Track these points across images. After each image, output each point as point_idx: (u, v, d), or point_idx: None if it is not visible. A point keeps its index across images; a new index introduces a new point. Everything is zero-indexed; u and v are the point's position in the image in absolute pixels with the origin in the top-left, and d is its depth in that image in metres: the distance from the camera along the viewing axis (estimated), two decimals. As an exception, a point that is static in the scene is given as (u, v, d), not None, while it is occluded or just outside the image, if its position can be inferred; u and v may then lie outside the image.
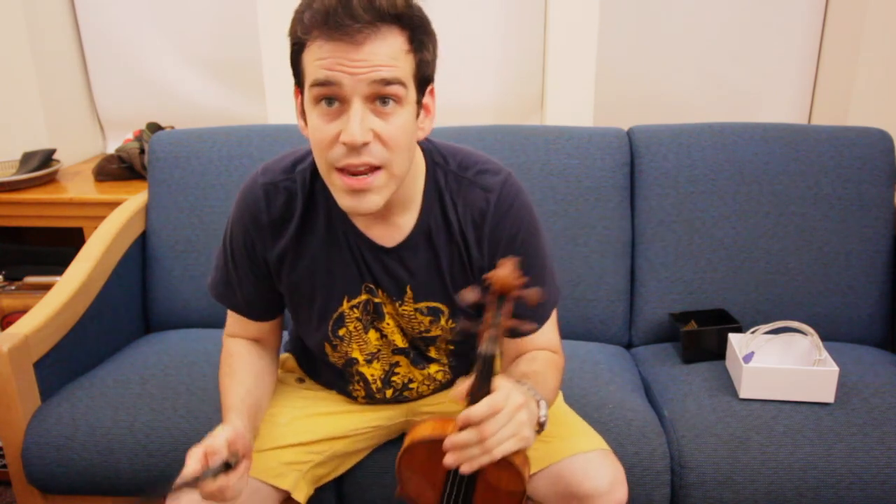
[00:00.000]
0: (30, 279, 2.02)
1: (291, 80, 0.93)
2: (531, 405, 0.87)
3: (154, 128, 2.20)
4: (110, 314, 1.63)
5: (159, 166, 1.76)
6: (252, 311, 1.12)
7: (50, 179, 2.09)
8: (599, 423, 1.26)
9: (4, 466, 1.63)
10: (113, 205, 1.80)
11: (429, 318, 1.07)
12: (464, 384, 0.86)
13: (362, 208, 0.91)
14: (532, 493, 1.09)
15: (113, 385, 1.44)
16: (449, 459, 0.83)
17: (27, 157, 2.11)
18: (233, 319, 1.14)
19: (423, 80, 0.92)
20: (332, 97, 0.86)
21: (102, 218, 1.71)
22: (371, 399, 1.19)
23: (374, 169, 0.89)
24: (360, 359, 1.12)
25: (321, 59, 0.84)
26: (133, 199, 1.79)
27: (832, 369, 1.35)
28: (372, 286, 1.06)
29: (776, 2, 2.15)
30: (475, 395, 0.84)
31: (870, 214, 1.65)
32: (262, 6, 2.04)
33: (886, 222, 1.66)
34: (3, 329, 1.57)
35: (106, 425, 1.36)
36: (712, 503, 1.28)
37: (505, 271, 0.85)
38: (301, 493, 1.12)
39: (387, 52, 0.84)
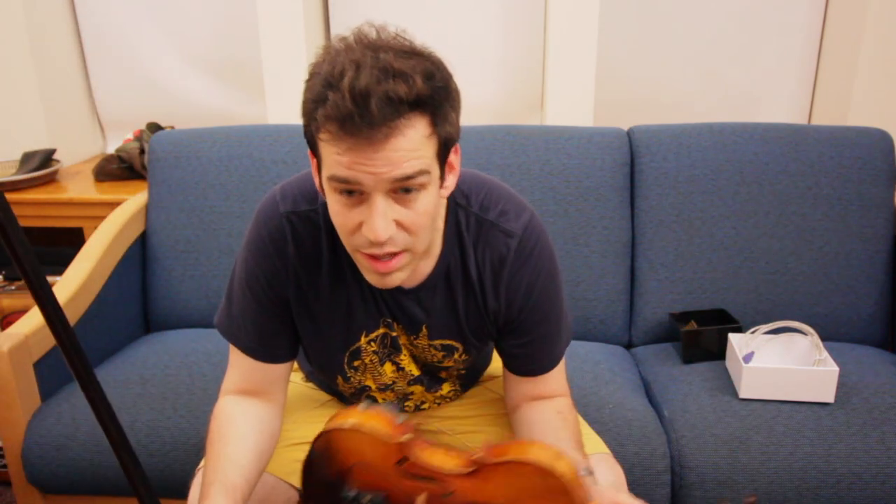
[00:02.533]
0: (30, 279, 2.02)
1: (292, 80, 0.90)
2: None
3: (154, 128, 2.20)
4: (110, 314, 1.63)
5: (159, 166, 1.76)
6: (265, 351, 1.02)
7: (50, 179, 2.09)
8: (599, 423, 1.26)
9: (4, 466, 1.63)
10: (113, 205, 1.80)
11: (442, 353, 1.06)
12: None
13: (387, 285, 0.89)
14: None
15: (113, 385, 1.44)
16: None
17: (27, 157, 2.11)
18: (234, 370, 1.04)
19: (447, 150, 0.86)
20: (352, 190, 0.82)
21: (102, 218, 1.71)
22: None
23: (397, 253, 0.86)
24: (374, 386, 1.11)
25: (339, 153, 0.79)
26: (133, 199, 1.79)
27: (832, 369, 1.35)
28: (390, 320, 1.03)
29: (776, 2, 2.15)
30: None
31: (870, 214, 1.65)
32: (262, 6, 2.04)
33: (886, 222, 1.66)
34: (3, 329, 1.57)
35: (106, 425, 1.36)
36: (712, 503, 1.28)
37: None
38: None
39: (408, 146, 0.79)
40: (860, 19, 2.00)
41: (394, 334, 1.05)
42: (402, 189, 0.81)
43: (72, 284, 1.51)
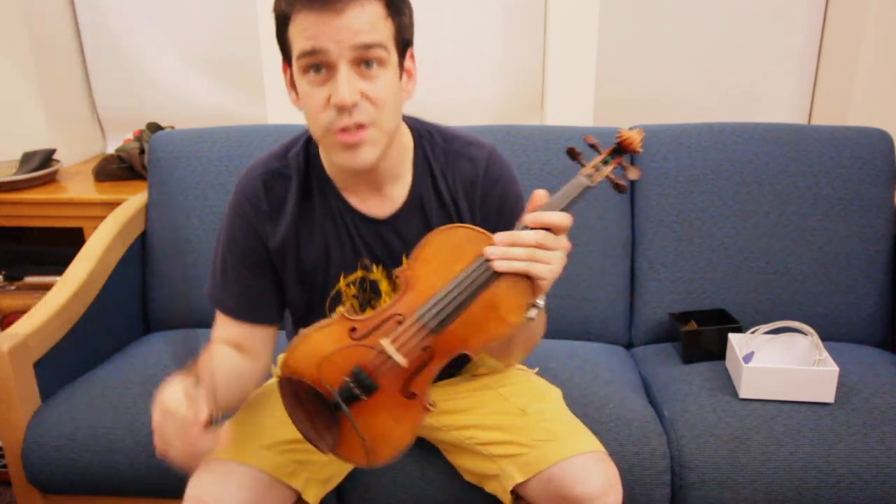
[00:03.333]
0: (30, 279, 2.02)
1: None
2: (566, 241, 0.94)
3: (154, 128, 2.20)
4: (110, 314, 1.63)
5: (159, 166, 1.76)
6: (248, 310, 1.10)
7: (50, 179, 2.09)
8: (599, 423, 1.26)
9: (4, 466, 1.63)
10: (113, 205, 1.80)
11: None
12: (543, 192, 0.93)
13: (358, 162, 0.95)
14: (526, 495, 1.10)
15: (113, 385, 1.44)
16: (493, 250, 0.89)
17: (27, 157, 2.11)
18: (225, 328, 1.11)
19: (404, 43, 0.97)
20: (319, 65, 0.91)
21: (102, 218, 1.71)
22: None
23: (365, 126, 0.93)
24: None
25: (306, 30, 0.89)
26: (133, 199, 1.79)
27: (832, 369, 1.35)
28: (367, 262, 1.08)
29: (776, 2, 2.15)
30: (550, 207, 0.92)
31: (870, 214, 1.65)
32: (262, 6, 2.04)
33: (886, 222, 1.66)
34: (3, 329, 1.57)
35: (106, 425, 1.36)
36: (712, 503, 1.28)
37: (635, 134, 0.93)
38: (311, 495, 1.13)
39: (366, 18, 0.89)
40: (860, 19, 2.00)
41: (372, 277, 1.08)
42: (364, 63, 0.91)
43: (72, 284, 1.51)
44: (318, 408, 0.94)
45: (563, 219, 0.90)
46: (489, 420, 1.17)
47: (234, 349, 1.10)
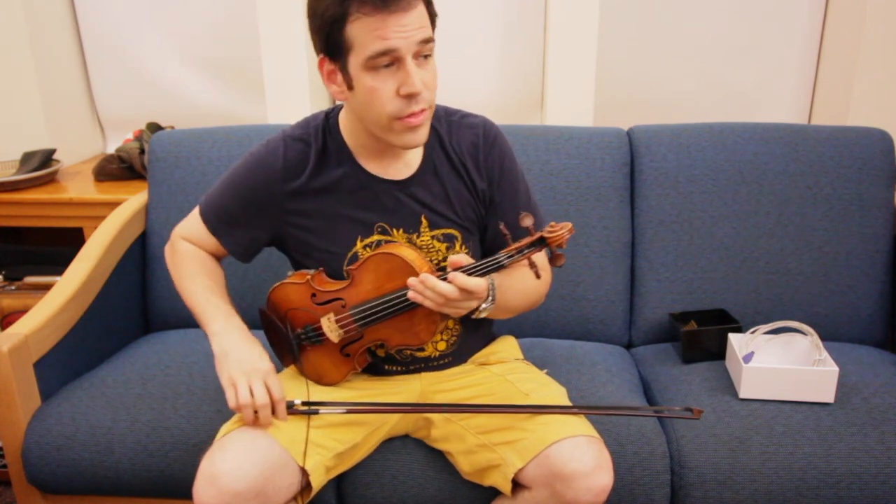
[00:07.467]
0: (30, 279, 2.02)
1: (291, 80, 0.95)
2: (481, 298, 1.08)
3: (154, 128, 2.20)
4: (110, 314, 1.63)
5: (159, 166, 1.76)
6: (220, 233, 1.24)
7: (50, 179, 2.09)
8: (599, 423, 1.26)
9: (4, 466, 1.63)
10: (113, 205, 1.80)
11: (445, 245, 1.22)
12: (464, 257, 1.08)
13: (419, 140, 1.11)
14: (523, 481, 1.13)
15: (113, 385, 1.45)
16: (416, 285, 1.06)
17: (27, 157, 2.11)
18: (198, 230, 1.26)
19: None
20: (388, 62, 1.03)
21: (102, 218, 1.71)
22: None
23: (425, 109, 1.08)
24: None
25: (376, 30, 1.00)
26: (133, 199, 1.79)
27: (832, 369, 1.35)
28: (385, 226, 1.20)
29: (776, 2, 2.15)
30: (466, 271, 1.07)
31: (870, 214, 1.65)
32: (262, 6, 2.04)
33: (886, 222, 1.66)
34: (3, 329, 1.57)
35: (106, 425, 1.36)
36: (712, 503, 1.28)
37: (565, 232, 1.05)
38: (318, 480, 1.15)
39: (421, 15, 1.03)
40: (860, 19, 2.00)
41: (388, 240, 1.19)
42: (422, 55, 1.05)
43: (72, 284, 1.51)
44: (285, 338, 1.24)
45: (475, 285, 1.04)
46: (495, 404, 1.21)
47: (192, 245, 1.28)
